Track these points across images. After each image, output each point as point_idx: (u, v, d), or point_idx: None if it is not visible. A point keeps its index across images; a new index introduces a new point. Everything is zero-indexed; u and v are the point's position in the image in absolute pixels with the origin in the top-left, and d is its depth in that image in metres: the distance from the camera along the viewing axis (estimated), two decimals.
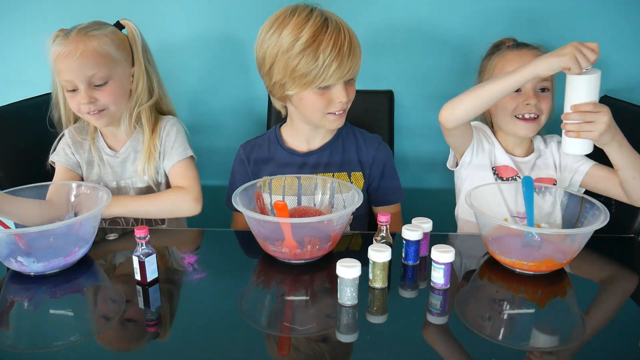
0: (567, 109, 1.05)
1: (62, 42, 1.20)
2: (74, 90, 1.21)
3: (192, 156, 1.32)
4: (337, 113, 1.20)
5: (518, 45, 1.28)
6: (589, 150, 1.07)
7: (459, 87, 1.64)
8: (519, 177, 1.26)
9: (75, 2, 1.60)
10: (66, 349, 0.80)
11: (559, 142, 1.31)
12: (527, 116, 1.22)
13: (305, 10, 1.15)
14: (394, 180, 1.35)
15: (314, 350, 0.80)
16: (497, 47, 1.32)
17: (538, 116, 1.22)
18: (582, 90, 1.02)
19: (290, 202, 1.21)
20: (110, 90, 1.22)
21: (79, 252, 1.02)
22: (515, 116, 1.23)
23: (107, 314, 0.90)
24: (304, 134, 1.29)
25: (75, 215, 1.14)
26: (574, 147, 1.07)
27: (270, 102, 1.62)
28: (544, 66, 1.02)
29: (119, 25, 1.28)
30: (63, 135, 1.34)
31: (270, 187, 1.21)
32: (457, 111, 1.13)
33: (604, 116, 1.02)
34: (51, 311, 0.90)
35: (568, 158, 1.29)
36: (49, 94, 1.51)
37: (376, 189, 1.34)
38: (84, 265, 1.03)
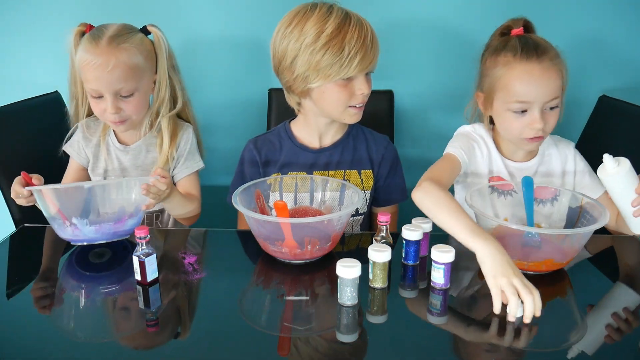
0: (618, 200, 1.08)
1: (91, 49, 1.19)
2: (99, 97, 1.22)
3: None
4: (357, 106, 1.22)
5: (527, 54, 1.12)
6: None
7: (459, 87, 1.64)
8: (515, 191, 1.19)
9: (77, 2, 1.60)
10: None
11: (576, 150, 1.27)
12: (532, 136, 1.15)
13: (325, 5, 1.17)
14: (400, 179, 1.36)
15: (314, 350, 0.80)
16: (503, 36, 1.21)
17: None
18: (625, 184, 1.05)
19: (302, 199, 1.22)
20: (135, 101, 1.24)
21: (129, 222, 1.04)
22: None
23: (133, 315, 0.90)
24: (317, 130, 1.30)
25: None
26: None
27: (270, 100, 1.62)
28: (480, 258, 0.91)
29: (145, 31, 1.27)
30: (77, 127, 1.35)
31: (281, 186, 1.22)
32: (422, 207, 1.06)
33: None
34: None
35: (585, 179, 1.24)
36: (49, 94, 1.52)
37: (382, 186, 1.34)
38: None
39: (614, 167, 1.04)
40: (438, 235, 1.14)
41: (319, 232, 1.03)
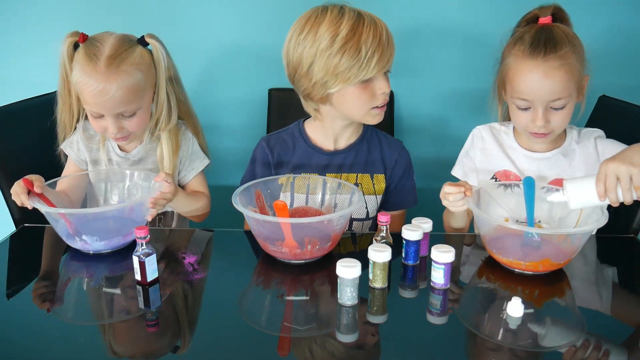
0: (599, 204, 0.98)
1: (89, 72, 1.15)
2: (100, 117, 1.20)
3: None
4: (380, 106, 1.20)
5: (534, 51, 1.09)
6: None
7: (460, 86, 1.64)
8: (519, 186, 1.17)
9: (77, 2, 1.60)
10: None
11: (598, 138, 1.21)
12: (537, 131, 1.14)
13: (335, 7, 1.15)
14: (411, 184, 1.35)
15: (314, 350, 0.80)
16: (527, 25, 1.16)
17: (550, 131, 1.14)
18: (586, 195, 0.97)
19: (312, 201, 1.22)
20: (138, 119, 1.22)
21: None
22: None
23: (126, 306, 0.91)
24: (332, 133, 1.28)
25: None
26: None
27: (270, 101, 1.62)
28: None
29: (143, 42, 1.22)
30: (76, 129, 1.33)
31: (292, 186, 1.22)
32: (450, 229, 1.24)
33: (611, 169, 0.93)
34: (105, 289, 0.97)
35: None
36: (49, 94, 1.51)
37: (393, 190, 1.34)
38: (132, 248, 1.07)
39: (565, 198, 0.98)
40: (438, 235, 1.15)
41: (319, 232, 1.03)
